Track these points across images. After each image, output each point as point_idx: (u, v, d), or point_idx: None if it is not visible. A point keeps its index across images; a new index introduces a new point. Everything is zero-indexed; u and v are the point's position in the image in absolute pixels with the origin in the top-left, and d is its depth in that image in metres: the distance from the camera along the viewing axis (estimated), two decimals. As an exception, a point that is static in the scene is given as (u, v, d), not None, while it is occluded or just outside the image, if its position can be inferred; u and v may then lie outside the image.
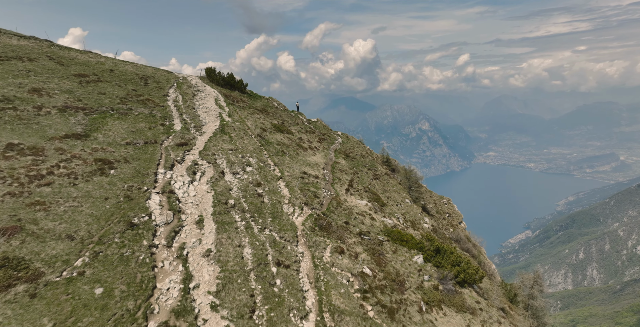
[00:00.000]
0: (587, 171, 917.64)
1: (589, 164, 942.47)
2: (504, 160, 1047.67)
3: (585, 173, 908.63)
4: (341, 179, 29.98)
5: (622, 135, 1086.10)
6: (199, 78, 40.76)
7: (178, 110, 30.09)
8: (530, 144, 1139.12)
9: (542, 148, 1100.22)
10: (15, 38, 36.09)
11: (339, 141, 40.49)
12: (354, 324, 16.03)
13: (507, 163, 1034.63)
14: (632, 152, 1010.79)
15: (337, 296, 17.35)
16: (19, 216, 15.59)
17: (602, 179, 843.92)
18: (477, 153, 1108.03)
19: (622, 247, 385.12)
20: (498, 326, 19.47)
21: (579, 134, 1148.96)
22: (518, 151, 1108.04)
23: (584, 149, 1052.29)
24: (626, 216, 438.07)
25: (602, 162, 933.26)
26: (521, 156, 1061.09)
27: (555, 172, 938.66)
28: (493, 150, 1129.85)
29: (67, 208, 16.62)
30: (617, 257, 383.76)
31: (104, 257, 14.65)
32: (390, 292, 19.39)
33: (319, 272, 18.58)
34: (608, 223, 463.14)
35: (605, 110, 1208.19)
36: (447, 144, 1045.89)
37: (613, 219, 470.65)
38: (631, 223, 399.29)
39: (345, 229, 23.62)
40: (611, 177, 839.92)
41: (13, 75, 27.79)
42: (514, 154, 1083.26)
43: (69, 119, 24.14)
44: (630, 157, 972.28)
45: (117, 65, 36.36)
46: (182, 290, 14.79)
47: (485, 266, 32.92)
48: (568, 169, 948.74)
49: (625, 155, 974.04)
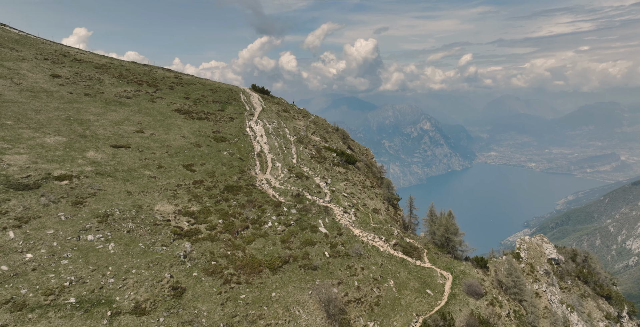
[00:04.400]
0: (588, 170, 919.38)
1: (589, 164, 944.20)
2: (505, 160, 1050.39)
3: (586, 173, 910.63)
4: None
5: (623, 136, 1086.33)
6: (250, 88, 69.82)
7: (246, 103, 58.01)
8: (531, 144, 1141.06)
9: (544, 148, 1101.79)
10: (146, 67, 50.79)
11: (311, 119, 57.83)
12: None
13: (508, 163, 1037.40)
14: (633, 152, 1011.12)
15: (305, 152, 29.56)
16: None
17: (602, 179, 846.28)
18: (479, 153, 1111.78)
19: (612, 242, 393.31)
20: (362, 177, 32.71)
21: (581, 134, 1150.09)
22: (519, 151, 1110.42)
23: (585, 149, 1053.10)
24: (618, 213, 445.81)
25: (603, 162, 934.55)
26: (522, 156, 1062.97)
27: (556, 172, 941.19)
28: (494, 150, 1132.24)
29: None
30: (607, 252, 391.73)
31: (234, 139, 26.68)
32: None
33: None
34: (602, 220, 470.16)
35: (607, 111, 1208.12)
36: (448, 143, 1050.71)
37: (607, 216, 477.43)
38: (622, 219, 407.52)
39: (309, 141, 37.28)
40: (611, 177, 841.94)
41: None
42: (515, 154, 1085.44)
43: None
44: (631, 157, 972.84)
45: (209, 82, 58.77)
46: (259, 150, 28.05)
47: (373, 166, 48.48)
48: (569, 168, 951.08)
49: (626, 156, 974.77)
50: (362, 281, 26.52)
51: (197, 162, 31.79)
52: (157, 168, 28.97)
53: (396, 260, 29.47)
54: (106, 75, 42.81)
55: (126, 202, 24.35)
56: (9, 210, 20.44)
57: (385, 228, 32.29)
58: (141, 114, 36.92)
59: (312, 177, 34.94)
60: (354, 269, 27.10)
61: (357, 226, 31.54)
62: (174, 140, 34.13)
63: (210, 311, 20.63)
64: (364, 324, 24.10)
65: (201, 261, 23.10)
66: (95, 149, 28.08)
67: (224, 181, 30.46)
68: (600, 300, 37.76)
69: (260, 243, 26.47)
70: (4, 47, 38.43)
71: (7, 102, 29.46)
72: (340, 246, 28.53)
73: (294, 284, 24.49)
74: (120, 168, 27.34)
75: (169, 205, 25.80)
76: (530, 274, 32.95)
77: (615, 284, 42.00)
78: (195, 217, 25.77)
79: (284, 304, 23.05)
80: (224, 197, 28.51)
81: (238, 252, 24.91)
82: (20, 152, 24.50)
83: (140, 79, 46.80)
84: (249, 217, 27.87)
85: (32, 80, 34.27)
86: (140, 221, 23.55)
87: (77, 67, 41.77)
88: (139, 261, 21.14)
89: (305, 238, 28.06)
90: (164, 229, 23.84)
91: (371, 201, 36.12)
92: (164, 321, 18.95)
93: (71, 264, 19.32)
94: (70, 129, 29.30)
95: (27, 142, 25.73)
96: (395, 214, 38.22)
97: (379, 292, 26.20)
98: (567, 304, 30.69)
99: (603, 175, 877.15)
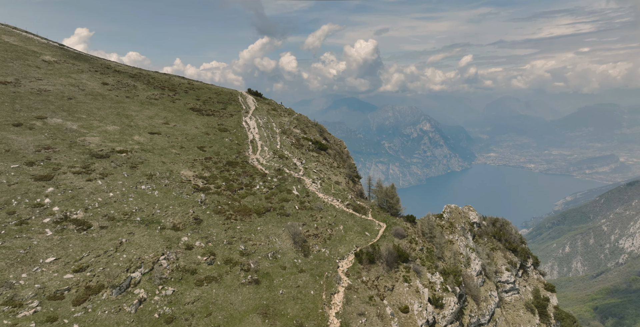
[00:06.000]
0: (587, 172, 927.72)
1: (588, 165, 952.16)
2: (504, 161, 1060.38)
3: (585, 174, 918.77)
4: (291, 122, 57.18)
5: (622, 137, 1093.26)
6: (246, 92, 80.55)
7: (243, 103, 68.85)
8: (531, 145, 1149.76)
9: (543, 149, 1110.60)
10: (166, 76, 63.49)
11: (295, 116, 69.46)
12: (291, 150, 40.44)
13: (507, 164, 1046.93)
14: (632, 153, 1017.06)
15: (287, 140, 42.13)
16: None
17: (600, 180, 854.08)
18: (478, 154, 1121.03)
19: (606, 241, 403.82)
20: (330, 160, 45.36)
21: (580, 136, 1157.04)
22: (519, 152, 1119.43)
23: (584, 150, 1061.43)
24: (613, 213, 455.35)
25: (602, 164, 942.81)
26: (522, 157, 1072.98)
27: (555, 173, 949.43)
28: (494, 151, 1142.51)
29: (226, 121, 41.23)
30: (600, 251, 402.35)
31: (233, 130, 39.36)
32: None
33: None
34: (597, 220, 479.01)
35: (606, 112, 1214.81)
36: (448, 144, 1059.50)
37: (602, 216, 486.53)
38: (615, 219, 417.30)
39: (292, 133, 49.17)
40: (610, 178, 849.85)
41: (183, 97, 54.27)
42: (514, 155, 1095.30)
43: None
44: (630, 159, 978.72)
45: (214, 87, 69.27)
46: (252, 138, 41.12)
47: (342, 153, 60.91)
48: (568, 170, 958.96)
49: (625, 157, 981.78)
50: (320, 224, 39.08)
51: (207, 145, 44.37)
52: (180, 148, 41.62)
53: (347, 214, 42.04)
54: (139, 83, 55.64)
55: (162, 168, 37.04)
56: (95, 169, 33.17)
57: (342, 194, 44.88)
58: (166, 111, 49.60)
59: (290, 158, 47.49)
60: (315, 217, 39.67)
61: (321, 191, 44.15)
62: (190, 130, 46.72)
63: (218, 233, 33.25)
64: (318, 249, 36.62)
65: (211, 206, 35.74)
66: (138, 134, 40.72)
67: (226, 158, 43.09)
68: (508, 252, 49.87)
69: (250, 198, 39.08)
70: (67, 63, 51.22)
71: (79, 102, 42.06)
72: (307, 203, 41.13)
73: (272, 223, 37.08)
74: (156, 147, 40.03)
75: (189, 171, 38.47)
76: (448, 229, 45.21)
77: (524, 243, 54.03)
78: (207, 180, 38.45)
79: (265, 234, 35.65)
80: (226, 169, 41.17)
81: (235, 203, 37.55)
82: (94, 135, 37.13)
83: (162, 85, 59.63)
84: (243, 182, 40.52)
85: (91, 87, 46.92)
86: (172, 179, 36.25)
87: (117, 77, 54.69)
88: (173, 202, 33.82)
89: (282, 197, 40.69)
90: (187, 185, 36.53)
91: (335, 176, 48.62)
92: (191, 235, 31.60)
93: (134, 200, 32.02)
94: (121, 121, 41.96)
95: (96, 129, 38.34)
96: (354, 186, 50.55)
97: (331, 232, 38.75)
98: (470, 248, 42.89)
99: (602, 176, 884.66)
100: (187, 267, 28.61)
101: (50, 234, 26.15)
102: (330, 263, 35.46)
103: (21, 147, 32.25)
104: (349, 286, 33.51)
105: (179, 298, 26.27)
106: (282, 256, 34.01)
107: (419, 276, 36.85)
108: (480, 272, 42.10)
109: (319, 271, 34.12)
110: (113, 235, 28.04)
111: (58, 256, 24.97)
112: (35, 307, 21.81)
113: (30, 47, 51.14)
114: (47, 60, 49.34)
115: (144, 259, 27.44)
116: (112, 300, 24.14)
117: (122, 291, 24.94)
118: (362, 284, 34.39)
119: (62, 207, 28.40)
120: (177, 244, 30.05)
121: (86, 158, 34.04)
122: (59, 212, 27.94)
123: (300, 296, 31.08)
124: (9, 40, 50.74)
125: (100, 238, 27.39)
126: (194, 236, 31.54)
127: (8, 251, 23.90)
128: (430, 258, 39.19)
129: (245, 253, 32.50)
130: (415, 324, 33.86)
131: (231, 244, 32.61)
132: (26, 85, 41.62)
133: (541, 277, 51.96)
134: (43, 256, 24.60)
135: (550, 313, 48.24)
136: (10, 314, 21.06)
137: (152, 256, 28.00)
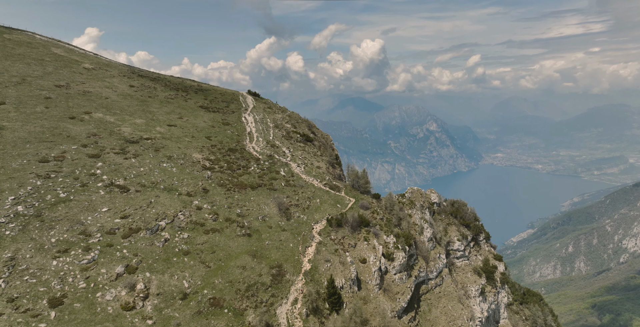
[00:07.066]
0: (595, 173, 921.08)
1: (597, 166, 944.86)
2: (511, 162, 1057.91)
3: (593, 175, 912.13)
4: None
5: (633, 138, 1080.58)
6: (246, 93, 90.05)
7: (243, 102, 77.57)
8: (539, 146, 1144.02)
9: (551, 150, 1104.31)
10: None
11: (288, 113, 77.54)
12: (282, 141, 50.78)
13: (514, 164, 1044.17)
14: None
15: (278, 133, 52.99)
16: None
17: (609, 181, 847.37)
18: (485, 154, 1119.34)
19: (609, 241, 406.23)
20: (315, 149, 56.47)
21: (589, 136, 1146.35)
22: (526, 153, 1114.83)
23: (593, 151, 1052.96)
24: (617, 213, 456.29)
25: (611, 165, 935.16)
26: (529, 158, 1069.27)
27: (563, 174, 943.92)
28: (501, 152, 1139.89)
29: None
30: (603, 251, 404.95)
31: (234, 124, 50.87)
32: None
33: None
34: (602, 220, 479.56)
35: (616, 113, 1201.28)
36: (454, 144, 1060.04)
37: (607, 216, 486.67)
38: (619, 219, 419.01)
39: (283, 127, 59.54)
40: (619, 179, 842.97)
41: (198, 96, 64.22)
42: (522, 156, 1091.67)
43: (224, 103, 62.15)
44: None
45: (219, 89, 77.35)
46: (249, 131, 51.98)
47: (327, 145, 70.89)
48: (576, 170, 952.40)
49: (635, 158, 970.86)
50: (301, 198, 49.71)
51: (213, 135, 55.34)
52: (191, 137, 52.70)
53: (323, 190, 52.62)
54: (158, 85, 67.00)
55: (178, 152, 48.11)
56: (129, 151, 44.36)
57: (321, 176, 55.50)
58: (180, 108, 60.76)
59: (280, 147, 58.19)
60: (297, 192, 50.31)
61: (304, 173, 54.82)
62: (199, 124, 57.77)
63: (220, 200, 44.07)
64: (298, 215, 47.23)
65: (216, 180, 46.63)
66: (159, 126, 51.89)
67: (227, 145, 54.05)
68: (462, 227, 59.68)
69: (246, 177, 49.89)
70: (102, 70, 62.85)
71: (113, 101, 53.37)
72: (291, 181, 51.82)
73: (263, 195, 47.81)
74: (173, 136, 51.16)
75: (199, 155, 49.48)
76: (408, 205, 55.40)
77: (478, 220, 63.66)
78: (212, 161, 49.41)
79: (257, 202, 46.39)
80: (228, 154, 52.11)
81: (234, 179, 48.41)
82: (127, 126, 48.36)
83: (176, 87, 70.87)
84: (241, 164, 51.40)
85: (121, 89, 58.31)
86: (186, 160, 47.30)
87: (141, 80, 66.13)
88: (187, 176, 44.81)
89: (271, 176, 51.46)
90: (197, 165, 47.51)
91: (317, 162, 59.19)
92: (200, 200, 42.48)
93: (159, 174, 43.07)
94: (145, 115, 53.19)
95: (128, 121, 49.59)
96: (333, 171, 60.89)
97: (309, 203, 49.35)
98: (424, 220, 52.96)
99: (610, 177, 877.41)
100: (197, 221, 39.51)
101: (102, 193, 37.27)
102: (307, 226, 46.03)
103: (77, 134, 43.58)
104: (320, 242, 44.09)
105: (192, 240, 37.16)
106: (269, 219, 44.72)
107: (376, 237, 47.22)
108: (431, 239, 52.17)
109: (298, 231, 44.73)
110: (145, 196, 39.07)
111: (109, 207, 36.06)
112: (99, 237, 32.92)
113: (73, 56, 62.92)
114: (86, 67, 61.00)
115: (167, 213, 38.42)
116: (146, 238, 35.13)
117: (153, 233, 35.93)
118: (331, 241, 44.93)
119: (109, 176, 39.56)
120: (190, 205, 40.98)
121: (122, 143, 45.27)
122: (107, 179, 39.09)
123: (281, 246, 41.77)
124: (57, 51, 62.51)
125: (136, 198, 38.44)
126: (202, 200, 42.45)
127: (77, 202, 35.05)
128: (388, 225, 49.53)
129: (241, 215, 43.29)
130: (370, 271, 44.29)
131: (230, 208, 43.44)
132: (74, 87, 53.10)
133: (492, 249, 61.70)
134: (100, 207, 35.70)
135: (497, 278, 58.02)
136: (83, 240, 32.17)
137: (173, 212, 38.97)
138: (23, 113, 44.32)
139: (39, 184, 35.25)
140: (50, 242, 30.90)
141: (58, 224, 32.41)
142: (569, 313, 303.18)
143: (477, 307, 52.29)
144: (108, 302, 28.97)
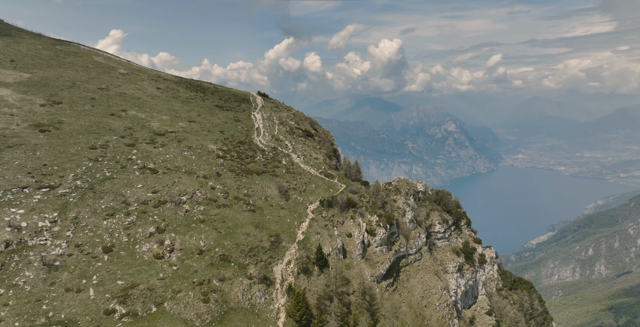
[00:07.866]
0: (621, 175, 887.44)
1: (623, 169, 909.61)
2: (533, 163, 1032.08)
3: (619, 178, 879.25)
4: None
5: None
6: (256, 93, 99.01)
7: (253, 102, 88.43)
8: (562, 147, 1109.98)
9: (575, 151, 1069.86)
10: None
11: (293, 112, 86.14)
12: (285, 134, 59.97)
13: (536, 166, 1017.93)
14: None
15: (283, 129, 62.14)
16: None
17: (636, 184, 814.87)
18: (505, 155, 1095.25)
19: (632, 245, 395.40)
20: (315, 143, 64.49)
21: (616, 138, 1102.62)
22: (548, 154, 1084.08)
23: (620, 153, 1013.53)
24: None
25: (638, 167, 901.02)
26: (551, 159, 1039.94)
27: (587, 176, 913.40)
28: (522, 153, 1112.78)
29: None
30: (625, 254, 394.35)
31: (244, 121, 60.02)
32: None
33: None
34: (625, 224, 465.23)
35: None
36: (473, 145, 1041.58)
37: (631, 220, 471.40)
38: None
39: (287, 124, 68.69)
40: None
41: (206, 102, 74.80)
42: (544, 157, 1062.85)
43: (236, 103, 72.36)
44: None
45: (232, 90, 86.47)
46: (257, 126, 60.84)
47: (326, 140, 77.74)
48: (601, 173, 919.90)
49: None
50: (299, 183, 58.49)
51: (226, 130, 65.00)
52: (208, 131, 62.50)
53: (319, 177, 61.24)
54: (180, 87, 77.59)
55: (197, 143, 57.90)
56: (157, 141, 54.41)
57: (318, 165, 64.13)
58: (199, 107, 70.91)
59: (284, 141, 67.21)
60: (296, 178, 59.13)
61: (303, 163, 63.61)
62: (215, 120, 67.63)
63: (230, 182, 53.38)
64: (295, 197, 56.02)
65: (227, 166, 56.05)
66: (182, 122, 61.99)
67: (238, 138, 63.58)
68: (444, 213, 66.74)
69: (252, 165, 59.12)
70: (134, 74, 73.90)
71: (144, 101, 63.96)
72: (291, 169, 60.70)
73: (266, 180, 56.87)
74: (193, 130, 61.08)
75: (213, 146, 59.13)
76: (394, 192, 63.25)
77: (460, 208, 70.43)
78: (225, 151, 58.92)
79: (261, 186, 55.47)
80: (238, 145, 61.56)
81: (243, 166, 57.73)
82: (154, 122, 58.62)
83: (195, 88, 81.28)
84: (248, 154, 60.71)
85: (150, 90, 68.99)
86: (203, 150, 56.99)
87: (165, 83, 76.90)
88: (203, 162, 54.41)
89: (274, 165, 60.49)
90: (212, 154, 57.10)
91: (316, 154, 67.89)
92: (214, 182, 51.92)
93: (181, 160, 52.83)
94: (170, 113, 63.46)
95: (156, 117, 59.91)
96: (329, 162, 69.36)
97: (305, 188, 58.08)
98: (407, 204, 60.66)
99: (638, 180, 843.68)
100: (212, 198, 48.90)
101: (137, 174, 47.21)
102: (302, 205, 54.77)
103: (116, 128, 54.00)
104: (312, 218, 52.76)
105: (207, 212, 46.55)
106: (271, 199, 53.70)
107: (362, 216, 55.44)
108: (412, 221, 59.83)
109: (294, 209, 53.54)
110: (170, 177, 48.81)
111: (143, 184, 45.91)
112: (136, 206, 42.73)
113: (110, 63, 74.24)
114: (122, 72, 72.09)
115: (187, 191, 48.00)
116: (172, 208, 44.74)
117: (177, 205, 45.52)
118: (322, 218, 53.52)
119: (142, 161, 49.55)
120: (206, 185, 50.46)
121: (152, 135, 55.43)
122: (140, 163, 49.08)
123: (280, 221, 50.67)
124: (98, 59, 73.96)
125: (163, 178, 48.21)
126: (215, 182, 51.89)
127: (119, 180, 45.07)
128: (373, 207, 57.66)
129: (247, 195, 52.48)
130: (354, 243, 52.59)
131: (238, 189, 52.71)
132: (112, 90, 63.98)
133: (472, 233, 68.44)
134: (136, 184, 45.60)
135: (475, 258, 64.87)
136: (124, 208, 42.03)
137: (192, 190, 48.52)
138: (75, 110, 55.13)
139: (91, 165, 45.50)
140: (101, 208, 40.88)
141: (106, 195, 42.42)
142: (584, 315, 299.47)
143: (454, 281, 59.50)
144: (144, 252, 38.60)
